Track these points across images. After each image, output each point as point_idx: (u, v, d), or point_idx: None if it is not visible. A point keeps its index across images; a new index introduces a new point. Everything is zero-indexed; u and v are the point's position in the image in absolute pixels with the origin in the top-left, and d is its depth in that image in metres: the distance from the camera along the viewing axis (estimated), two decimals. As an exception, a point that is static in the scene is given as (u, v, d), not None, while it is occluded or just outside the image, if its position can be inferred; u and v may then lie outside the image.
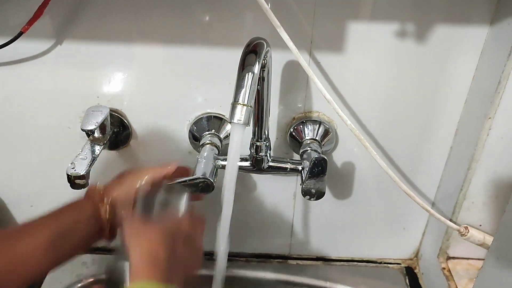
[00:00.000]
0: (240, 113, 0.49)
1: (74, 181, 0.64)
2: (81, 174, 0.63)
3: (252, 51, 0.51)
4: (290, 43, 0.55)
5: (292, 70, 0.65)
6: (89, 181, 0.65)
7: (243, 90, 0.49)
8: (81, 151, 0.66)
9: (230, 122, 0.50)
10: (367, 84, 0.66)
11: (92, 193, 0.58)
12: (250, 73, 0.50)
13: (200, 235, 0.58)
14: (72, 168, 0.63)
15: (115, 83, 0.68)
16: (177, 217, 0.57)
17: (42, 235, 0.52)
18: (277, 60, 0.63)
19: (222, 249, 0.59)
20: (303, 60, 0.57)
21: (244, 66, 0.50)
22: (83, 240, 0.56)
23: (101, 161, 0.75)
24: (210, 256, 0.58)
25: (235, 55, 0.52)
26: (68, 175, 0.62)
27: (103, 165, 0.76)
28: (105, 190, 0.59)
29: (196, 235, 0.57)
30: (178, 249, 0.52)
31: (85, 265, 0.85)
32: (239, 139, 0.51)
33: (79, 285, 0.82)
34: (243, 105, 0.49)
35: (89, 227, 0.56)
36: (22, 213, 0.85)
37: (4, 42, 0.62)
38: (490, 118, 0.61)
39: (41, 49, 0.66)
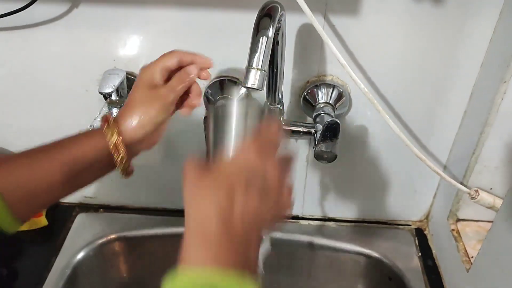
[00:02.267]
0: (254, 77, 0.49)
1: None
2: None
3: (267, 15, 0.51)
4: (304, 6, 0.54)
5: (306, 34, 0.65)
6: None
7: (257, 54, 0.49)
8: (99, 114, 0.68)
9: (244, 86, 0.50)
10: (382, 47, 0.66)
11: (106, 123, 0.52)
12: (264, 37, 0.50)
13: (287, 172, 0.45)
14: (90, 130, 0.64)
15: (131, 47, 0.69)
16: (250, 152, 0.43)
17: (59, 166, 0.49)
18: (291, 24, 0.63)
19: None
20: (318, 23, 0.56)
21: (258, 30, 0.50)
22: (99, 172, 0.53)
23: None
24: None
25: (249, 18, 0.52)
26: (87, 137, 0.64)
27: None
28: (119, 118, 0.52)
29: (282, 174, 0.44)
30: (248, 205, 0.40)
31: (106, 224, 0.89)
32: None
33: (100, 241, 0.85)
34: (257, 69, 0.49)
35: (104, 158, 0.51)
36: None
37: (21, 6, 0.63)
38: (505, 82, 0.60)
39: (57, 13, 0.66)
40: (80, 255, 0.83)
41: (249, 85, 0.50)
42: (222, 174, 0.42)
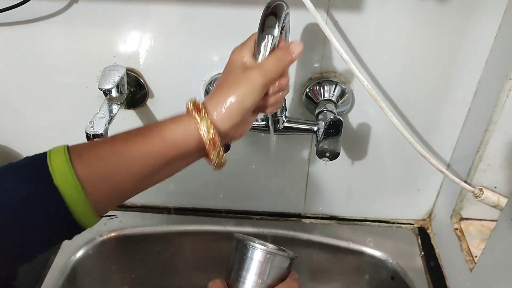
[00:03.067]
0: None
1: (92, 139, 0.65)
2: (100, 132, 0.64)
3: (272, 13, 0.50)
4: (307, 2, 0.54)
5: (309, 30, 0.64)
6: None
7: (262, 54, 0.49)
8: (99, 110, 0.67)
9: None
10: (385, 44, 0.65)
11: (191, 109, 0.47)
12: (270, 35, 0.49)
13: None
14: (91, 127, 0.64)
15: (131, 43, 0.68)
16: None
17: (138, 165, 0.46)
18: (294, 19, 0.62)
19: None
20: (321, 19, 0.56)
21: (264, 29, 0.49)
22: (185, 163, 0.49)
23: (119, 120, 0.77)
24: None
25: (251, 14, 0.52)
26: (87, 134, 0.63)
27: (121, 124, 0.77)
28: (207, 104, 0.47)
29: None
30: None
31: (106, 222, 0.88)
32: None
33: (100, 239, 0.85)
34: None
35: (194, 148, 0.47)
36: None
37: (20, 1, 0.62)
38: (510, 79, 0.60)
39: (56, 8, 0.65)
40: (80, 254, 0.83)
41: None
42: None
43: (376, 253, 0.83)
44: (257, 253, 0.54)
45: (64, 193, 0.42)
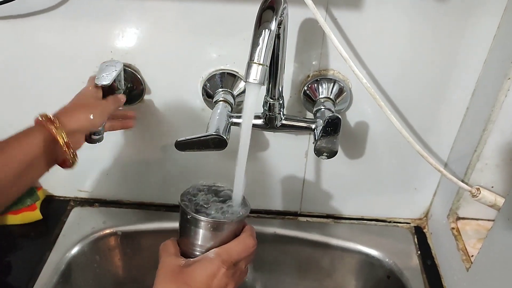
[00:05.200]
0: (256, 72, 0.48)
1: (90, 135, 0.64)
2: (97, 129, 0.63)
3: (269, 7, 0.50)
4: (307, -2, 0.54)
5: (308, 27, 0.64)
6: (103, 136, 0.66)
7: (259, 48, 0.48)
8: (96, 106, 0.67)
9: (245, 81, 0.49)
10: (384, 43, 0.65)
11: (44, 121, 0.57)
12: (266, 30, 0.49)
13: (250, 260, 0.56)
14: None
15: (128, 38, 0.68)
16: (226, 253, 0.52)
17: (10, 167, 0.52)
18: (292, 17, 0.62)
19: (237, 205, 0.59)
20: (320, 16, 0.55)
21: (260, 23, 0.49)
22: (45, 168, 0.57)
23: (115, 117, 0.76)
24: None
25: (249, 10, 0.51)
26: (83, 130, 0.63)
27: (117, 121, 0.76)
28: (59, 117, 0.58)
29: (246, 262, 0.55)
30: None
31: (101, 219, 0.87)
32: (254, 99, 0.51)
33: (95, 236, 0.84)
34: (259, 64, 0.48)
35: (50, 154, 0.56)
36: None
37: (16, -6, 0.61)
38: (509, 78, 0.60)
39: (53, 2, 0.65)
40: (75, 250, 0.82)
41: (250, 80, 0.49)
42: (190, 286, 0.49)
43: (373, 252, 0.83)
44: (199, 223, 0.53)
45: None
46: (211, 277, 0.50)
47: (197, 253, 0.54)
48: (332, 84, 0.69)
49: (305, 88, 0.70)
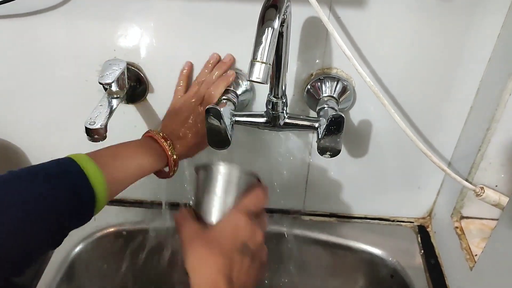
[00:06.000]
0: (259, 70, 0.48)
1: (92, 134, 0.64)
2: (99, 127, 0.63)
3: (272, 6, 0.49)
4: (310, -3, 0.53)
5: (311, 26, 0.64)
6: (106, 134, 0.66)
7: (262, 46, 0.48)
8: (99, 105, 0.67)
9: (248, 80, 0.49)
10: (388, 41, 0.65)
11: (152, 134, 0.64)
12: (270, 28, 0.48)
13: (262, 239, 0.56)
14: (90, 121, 0.63)
15: (132, 37, 0.68)
16: (240, 221, 0.53)
17: (132, 166, 0.59)
18: (295, 15, 0.62)
19: None
20: (323, 14, 0.55)
21: (263, 21, 0.49)
22: (151, 171, 0.63)
23: (118, 115, 0.76)
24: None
25: (252, 8, 0.51)
26: (86, 128, 0.63)
27: (121, 118, 0.77)
28: (163, 129, 0.66)
29: (261, 242, 0.55)
30: (243, 267, 0.51)
31: (104, 217, 0.88)
32: None
33: (98, 234, 0.85)
34: (262, 62, 0.48)
35: (158, 162, 0.62)
36: (42, 164, 0.87)
37: (20, -8, 0.61)
38: (514, 77, 0.59)
39: (56, 1, 0.65)
40: (78, 249, 0.82)
41: (253, 78, 0.49)
42: (220, 242, 0.51)
43: (376, 251, 0.83)
44: (215, 171, 0.56)
45: (88, 172, 0.52)
46: (236, 228, 0.52)
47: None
48: (335, 82, 0.69)
49: (309, 86, 0.70)
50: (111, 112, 0.66)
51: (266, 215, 0.58)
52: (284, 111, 0.66)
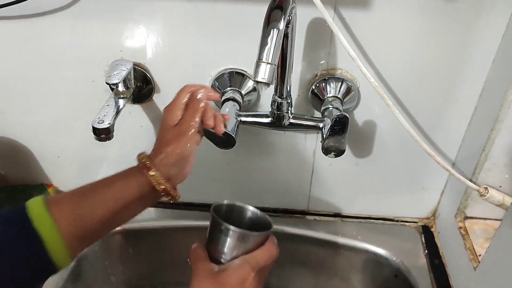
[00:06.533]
0: (264, 71, 0.49)
1: (99, 133, 0.65)
2: (106, 127, 0.64)
3: (278, 7, 0.50)
4: (315, -2, 0.54)
5: (316, 27, 0.64)
6: (113, 134, 0.67)
7: (268, 47, 0.49)
8: (106, 104, 0.68)
9: (253, 80, 0.49)
10: (392, 42, 0.65)
11: (142, 167, 0.57)
12: (275, 29, 0.49)
13: (271, 267, 0.58)
14: (97, 121, 0.64)
15: (138, 38, 0.69)
16: (255, 261, 0.55)
17: (103, 209, 0.54)
18: (300, 16, 0.62)
19: None
20: (328, 15, 0.56)
21: (269, 22, 0.49)
22: (142, 206, 0.59)
23: (125, 115, 0.77)
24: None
25: (258, 10, 0.52)
26: (93, 128, 0.64)
27: (127, 119, 0.77)
28: (152, 157, 0.57)
29: (269, 268, 0.58)
30: None
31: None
32: None
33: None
34: (267, 63, 0.49)
35: (147, 194, 0.56)
36: (50, 163, 0.88)
37: (29, -6, 0.62)
38: (518, 78, 0.60)
39: (63, 2, 0.66)
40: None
41: (259, 79, 0.49)
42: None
43: (380, 251, 0.83)
44: (231, 233, 0.56)
45: (41, 234, 0.49)
46: (243, 281, 0.54)
47: (223, 260, 0.56)
48: (340, 83, 0.70)
49: (313, 87, 0.70)
50: (117, 112, 0.67)
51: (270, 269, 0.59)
52: (289, 111, 0.67)
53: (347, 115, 0.63)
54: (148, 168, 0.56)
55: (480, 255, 0.70)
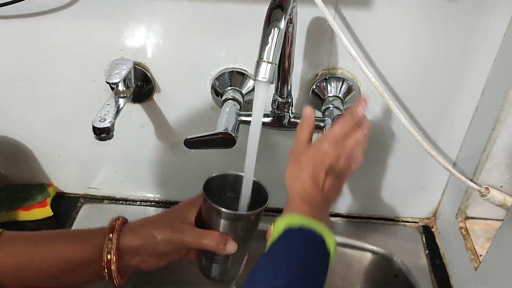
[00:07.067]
0: (265, 70, 0.49)
1: (99, 132, 0.65)
2: (106, 126, 0.64)
3: (279, 6, 0.50)
4: (316, -3, 0.54)
5: (317, 26, 0.64)
6: (113, 133, 0.66)
7: (268, 46, 0.49)
8: (106, 104, 0.67)
9: (254, 80, 0.49)
10: (393, 41, 0.65)
11: (106, 229, 0.55)
12: (276, 28, 0.49)
13: (349, 160, 0.57)
14: (97, 120, 0.64)
15: (139, 37, 0.68)
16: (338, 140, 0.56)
17: (53, 263, 0.51)
18: (301, 16, 0.62)
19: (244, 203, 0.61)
20: (329, 14, 0.55)
21: (270, 22, 0.49)
22: (94, 277, 0.54)
23: (125, 114, 0.77)
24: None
25: (259, 9, 0.52)
26: (93, 127, 0.64)
27: (127, 118, 0.77)
28: (127, 222, 0.56)
29: (347, 163, 0.57)
30: (328, 182, 0.55)
31: (110, 216, 0.88)
32: (263, 97, 0.51)
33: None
34: (268, 62, 0.49)
35: (97, 262, 0.53)
36: (50, 163, 0.88)
37: (29, -7, 0.62)
38: (519, 77, 0.59)
39: (63, 1, 0.65)
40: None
41: (259, 78, 0.49)
42: (310, 164, 0.56)
43: (381, 251, 0.83)
44: (223, 215, 0.59)
45: None
46: (323, 155, 0.55)
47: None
48: (340, 82, 0.69)
49: (314, 86, 0.70)
50: (118, 111, 0.67)
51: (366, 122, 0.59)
52: (290, 111, 0.67)
53: (348, 115, 0.62)
54: (111, 230, 0.53)
55: (481, 255, 0.70)
